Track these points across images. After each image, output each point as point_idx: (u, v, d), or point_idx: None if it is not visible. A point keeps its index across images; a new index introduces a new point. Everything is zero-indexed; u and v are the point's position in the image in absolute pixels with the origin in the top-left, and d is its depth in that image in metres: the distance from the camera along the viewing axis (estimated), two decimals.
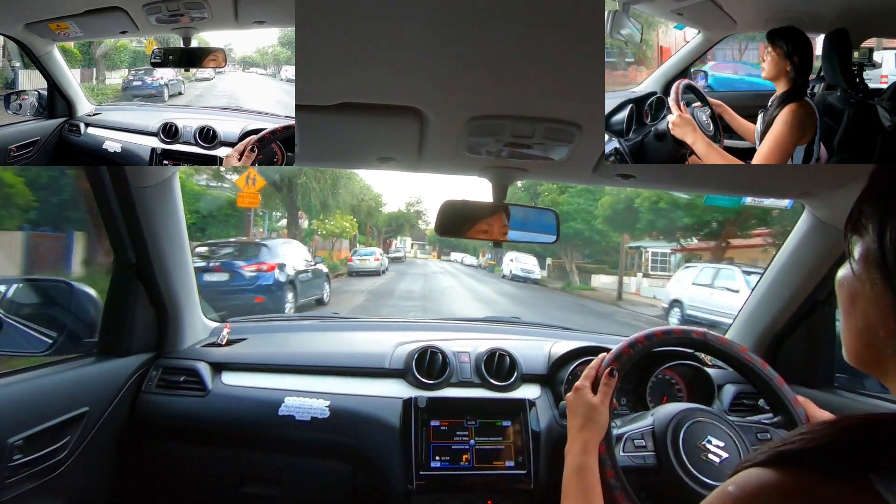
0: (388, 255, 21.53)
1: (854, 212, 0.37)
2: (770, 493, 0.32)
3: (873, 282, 0.35)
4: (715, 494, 0.35)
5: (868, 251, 0.35)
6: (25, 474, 0.77)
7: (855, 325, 0.37)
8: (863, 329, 0.37)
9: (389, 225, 32.86)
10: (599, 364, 0.77)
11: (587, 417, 0.70)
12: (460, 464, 0.98)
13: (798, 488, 0.31)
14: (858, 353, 0.38)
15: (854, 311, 0.37)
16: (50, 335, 1.00)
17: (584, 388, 0.74)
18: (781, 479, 0.32)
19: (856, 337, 0.37)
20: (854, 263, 0.37)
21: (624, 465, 0.72)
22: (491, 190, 0.93)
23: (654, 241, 14.20)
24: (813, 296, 1.11)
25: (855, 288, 0.37)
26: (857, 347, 0.38)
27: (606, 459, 0.67)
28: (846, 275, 0.38)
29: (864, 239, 0.36)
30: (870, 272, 0.35)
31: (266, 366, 1.12)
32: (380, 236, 29.65)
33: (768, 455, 0.34)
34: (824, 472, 0.31)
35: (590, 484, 0.64)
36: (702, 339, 0.83)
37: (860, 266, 0.36)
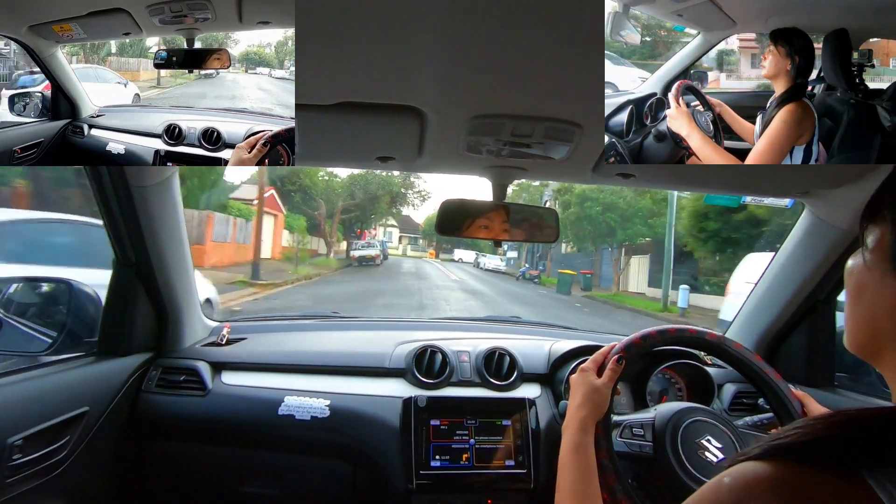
0: (355, 252, 16.42)
1: (873, 201, 0.37)
2: (764, 485, 0.32)
3: (883, 273, 0.35)
4: (709, 485, 0.35)
5: (883, 242, 0.35)
6: (25, 474, 0.77)
7: (860, 314, 0.38)
8: (867, 319, 0.37)
9: (360, 206, 19.20)
10: (608, 351, 0.77)
11: (587, 397, 0.70)
12: (460, 463, 0.98)
13: (791, 481, 0.31)
14: (860, 342, 0.38)
15: (860, 300, 0.38)
16: (50, 335, 1.00)
17: (589, 370, 0.74)
18: (775, 472, 0.32)
19: (859, 326, 0.38)
20: (867, 253, 0.37)
21: (620, 450, 0.72)
22: (491, 189, 0.94)
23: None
24: (813, 295, 1.11)
25: (864, 278, 0.37)
26: (859, 337, 0.38)
27: (602, 441, 0.67)
28: (857, 263, 0.38)
29: (879, 229, 0.36)
30: (882, 263, 0.35)
31: (266, 365, 1.12)
32: (334, 226, 17.92)
33: (763, 448, 0.34)
34: (817, 465, 0.31)
35: (587, 462, 0.64)
36: (717, 342, 0.81)
37: (872, 256, 0.36)
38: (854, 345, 0.39)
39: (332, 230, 18.08)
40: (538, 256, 19.63)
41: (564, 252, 18.62)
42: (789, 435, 0.34)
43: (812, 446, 0.33)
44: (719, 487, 0.34)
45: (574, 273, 13.97)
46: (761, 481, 0.32)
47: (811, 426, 0.34)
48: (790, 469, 0.32)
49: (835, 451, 0.32)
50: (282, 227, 15.70)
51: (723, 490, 0.34)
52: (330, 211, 17.76)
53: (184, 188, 1.19)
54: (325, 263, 15.24)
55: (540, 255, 19.48)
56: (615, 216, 13.73)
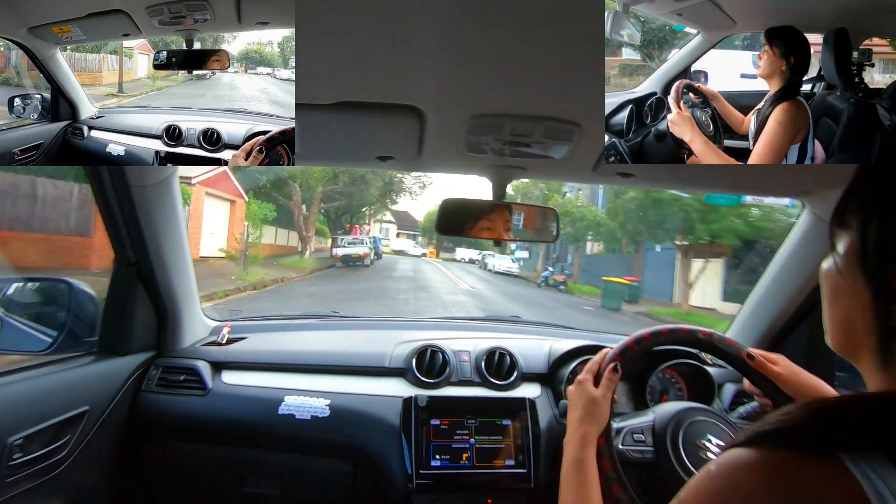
0: (339, 250, 13.23)
1: (839, 207, 0.38)
2: (748, 469, 0.34)
3: (855, 278, 0.37)
4: (697, 476, 0.37)
5: (851, 247, 0.37)
6: (25, 473, 0.77)
7: (837, 316, 0.40)
8: (844, 321, 0.39)
9: (346, 192, 15.26)
10: (603, 358, 0.77)
11: (588, 410, 0.70)
12: (460, 463, 0.98)
13: (774, 465, 0.33)
14: (839, 342, 0.40)
15: (836, 303, 0.40)
16: (50, 334, 1.00)
17: (586, 381, 0.74)
18: (758, 457, 0.34)
19: (837, 327, 0.40)
20: (837, 258, 0.39)
21: (622, 458, 0.72)
22: (490, 188, 0.94)
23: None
24: (813, 294, 1.11)
25: (837, 282, 0.39)
26: (838, 337, 0.40)
27: (605, 451, 0.67)
28: (830, 268, 0.40)
29: (847, 235, 0.37)
30: (852, 268, 0.37)
31: (266, 365, 1.12)
32: (312, 217, 13.91)
33: (748, 436, 0.36)
34: (798, 450, 0.33)
35: (588, 477, 0.64)
36: (707, 339, 0.82)
37: (843, 261, 0.38)
38: (834, 344, 0.41)
39: (308, 223, 14.01)
40: (554, 257, 16.89)
41: (591, 253, 15.53)
42: (772, 422, 0.35)
43: (792, 432, 0.34)
44: (707, 476, 0.36)
45: (627, 282, 10.79)
46: (745, 466, 0.34)
47: (791, 413, 0.35)
48: (773, 454, 0.33)
49: (814, 436, 0.33)
50: (241, 216, 11.60)
51: (710, 478, 0.35)
52: (307, 198, 13.76)
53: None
54: (298, 265, 11.69)
55: (556, 255, 16.90)
56: (694, 203, 9.17)
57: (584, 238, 14.22)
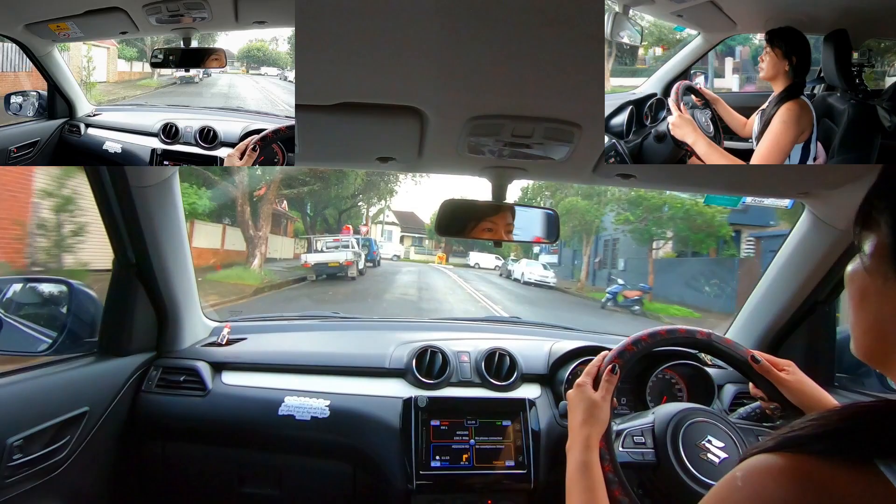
0: (310, 257, 9.69)
1: (864, 207, 0.36)
2: (777, 477, 0.32)
3: (886, 277, 0.35)
4: (721, 483, 0.35)
5: (881, 246, 0.35)
6: (25, 474, 0.77)
7: (865, 320, 0.37)
8: (874, 324, 0.37)
9: (319, 175, 10.23)
10: (601, 361, 0.77)
11: (588, 413, 0.70)
12: (460, 463, 0.98)
13: (805, 472, 0.32)
14: (869, 348, 0.38)
15: (865, 306, 0.37)
16: (50, 335, 1.00)
17: (585, 385, 0.74)
18: (789, 464, 0.32)
19: (866, 332, 0.38)
20: (865, 258, 0.37)
21: (623, 460, 0.72)
22: (490, 189, 0.93)
23: None
24: (813, 295, 1.11)
25: (866, 283, 0.37)
26: (867, 342, 0.38)
27: (605, 454, 0.67)
28: (857, 269, 0.38)
29: (875, 234, 0.35)
30: (882, 267, 0.35)
31: (266, 365, 1.12)
32: (267, 210, 8.82)
33: (777, 441, 0.35)
34: (831, 457, 0.32)
35: (594, 480, 0.64)
36: (706, 339, 0.82)
37: (872, 261, 0.36)
38: (861, 350, 0.38)
39: (262, 218, 9.16)
40: (597, 262, 12.58)
41: (655, 257, 10.75)
42: (804, 427, 0.34)
43: (825, 438, 0.33)
44: (732, 483, 0.34)
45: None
46: (774, 472, 0.33)
47: (824, 418, 0.34)
48: (802, 460, 0.32)
49: (848, 443, 0.32)
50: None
51: (735, 485, 0.34)
52: (256, 184, 9.16)
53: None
54: (240, 279, 7.77)
55: (599, 260, 12.57)
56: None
57: (656, 235, 10.04)
